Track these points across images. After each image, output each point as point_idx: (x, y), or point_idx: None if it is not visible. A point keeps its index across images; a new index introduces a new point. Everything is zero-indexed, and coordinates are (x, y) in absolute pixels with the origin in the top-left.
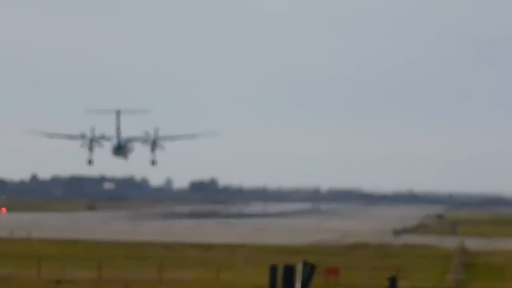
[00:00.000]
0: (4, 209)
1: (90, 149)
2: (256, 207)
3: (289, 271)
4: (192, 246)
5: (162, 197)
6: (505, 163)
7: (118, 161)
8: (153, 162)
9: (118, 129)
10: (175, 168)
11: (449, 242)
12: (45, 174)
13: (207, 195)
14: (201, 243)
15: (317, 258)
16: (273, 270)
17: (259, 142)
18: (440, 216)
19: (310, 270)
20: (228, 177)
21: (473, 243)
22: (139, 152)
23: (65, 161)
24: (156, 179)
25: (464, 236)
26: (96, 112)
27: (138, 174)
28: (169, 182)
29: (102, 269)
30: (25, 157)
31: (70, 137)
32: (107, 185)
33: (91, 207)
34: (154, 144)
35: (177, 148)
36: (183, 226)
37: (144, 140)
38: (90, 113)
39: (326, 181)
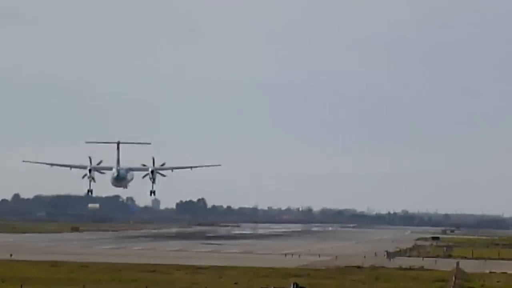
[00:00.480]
0: None
1: (91, 178)
2: (246, 228)
3: None
4: (180, 268)
5: (149, 218)
6: (503, 184)
7: (103, 179)
8: (153, 193)
9: (118, 160)
10: (162, 188)
11: (445, 265)
12: (27, 193)
13: (195, 216)
14: (188, 265)
15: (308, 281)
16: None
17: (250, 163)
18: (435, 238)
19: None
20: (216, 197)
21: (469, 266)
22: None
23: (49, 181)
24: (142, 199)
25: (460, 259)
26: (96, 143)
27: (123, 194)
28: (156, 202)
29: None
30: (7, 177)
31: (71, 167)
32: (92, 206)
33: (75, 228)
34: (153, 174)
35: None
36: (170, 247)
37: (143, 171)
38: (91, 144)
39: (318, 202)
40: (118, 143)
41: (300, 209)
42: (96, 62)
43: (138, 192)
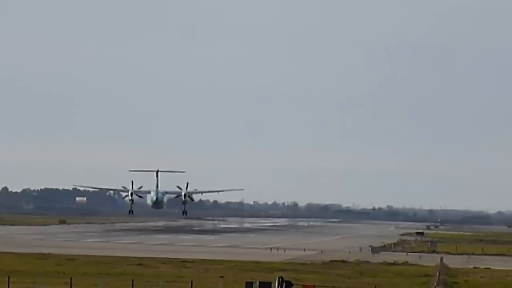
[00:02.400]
0: None
1: (132, 201)
2: (232, 222)
3: None
4: (166, 262)
5: (136, 211)
6: (487, 180)
7: (93, 173)
8: (185, 213)
9: (157, 186)
10: (149, 182)
11: (429, 260)
12: (16, 187)
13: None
14: (175, 259)
15: (293, 275)
16: (249, 287)
17: (237, 157)
18: (419, 234)
19: (286, 287)
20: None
21: (453, 261)
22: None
23: (37, 174)
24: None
25: (444, 254)
26: (139, 171)
27: (111, 188)
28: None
29: (73, 285)
30: None
31: (117, 191)
32: (79, 199)
33: (62, 221)
34: (185, 197)
35: (152, 160)
36: (157, 241)
37: (177, 194)
38: (134, 172)
39: (304, 197)
40: (157, 172)
41: (286, 204)
42: (95, 62)
43: (126, 185)
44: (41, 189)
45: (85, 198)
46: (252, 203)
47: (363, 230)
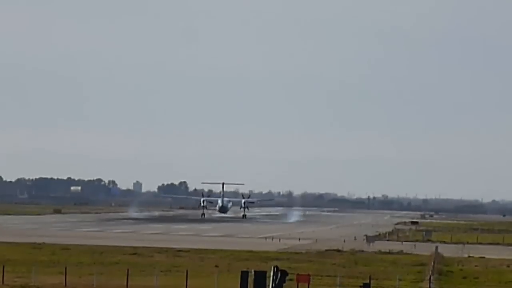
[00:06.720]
0: None
1: (204, 207)
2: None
3: (260, 277)
4: (161, 251)
5: (131, 201)
6: (481, 169)
7: (85, 163)
8: (244, 216)
9: (222, 195)
10: (145, 171)
11: (423, 249)
12: (10, 176)
13: (177, 199)
14: (169, 248)
15: (288, 264)
16: (244, 276)
17: (231, 146)
18: (414, 223)
19: (281, 276)
20: (198, 181)
21: (448, 250)
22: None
23: (31, 164)
24: (124, 182)
25: (439, 243)
26: (210, 183)
27: (106, 177)
28: (137, 185)
29: (68, 275)
30: None
31: (193, 198)
32: (74, 188)
33: (57, 211)
34: (245, 204)
35: (148, 150)
36: (152, 230)
37: (238, 202)
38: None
39: (299, 186)
40: (223, 184)
41: (281, 193)
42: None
43: (120, 174)
44: (35, 178)
45: (79, 187)
46: (247, 192)
47: (358, 219)
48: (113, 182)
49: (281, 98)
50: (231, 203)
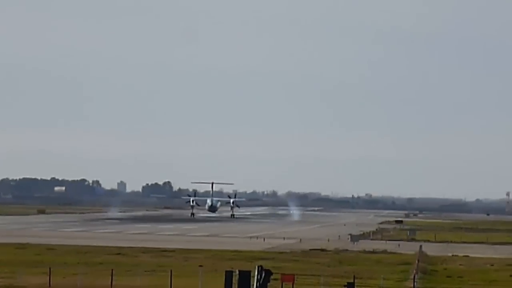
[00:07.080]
0: None
1: (193, 205)
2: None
3: (245, 277)
4: (145, 251)
5: (115, 201)
6: (465, 168)
7: (69, 163)
8: (232, 216)
9: (212, 195)
10: (129, 170)
11: (408, 248)
12: None
13: (161, 199)
14: (154, 248)
15: (273, 264)
16: (229, 276)
17: (217, 146)
18: (398, 222)
19: (266, 276)
20: (183, 181)
21: (432, 249)
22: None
23: (15, 164)
24: (108, 182)
25: (423, 242)
26: (199, 183)
27: (90, 177)
28: (122, 185)
29: (52, 275)
30: None
31: (183, 198)
32: (58, 188)
33: (41, 211)
34: (233, 204)
35: (131, 149)
36: (137, 230)
37: (226, 201)
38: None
39: (283, 185)
40: (212, 184)
41: (265, 192)
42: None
43: (104, 174)
44: (19, 178)
45: (63, 188)
46: (231, 191)
47: (342, 218)
48: (97, 182)
49: (267, 97)
50: (219, 203)
